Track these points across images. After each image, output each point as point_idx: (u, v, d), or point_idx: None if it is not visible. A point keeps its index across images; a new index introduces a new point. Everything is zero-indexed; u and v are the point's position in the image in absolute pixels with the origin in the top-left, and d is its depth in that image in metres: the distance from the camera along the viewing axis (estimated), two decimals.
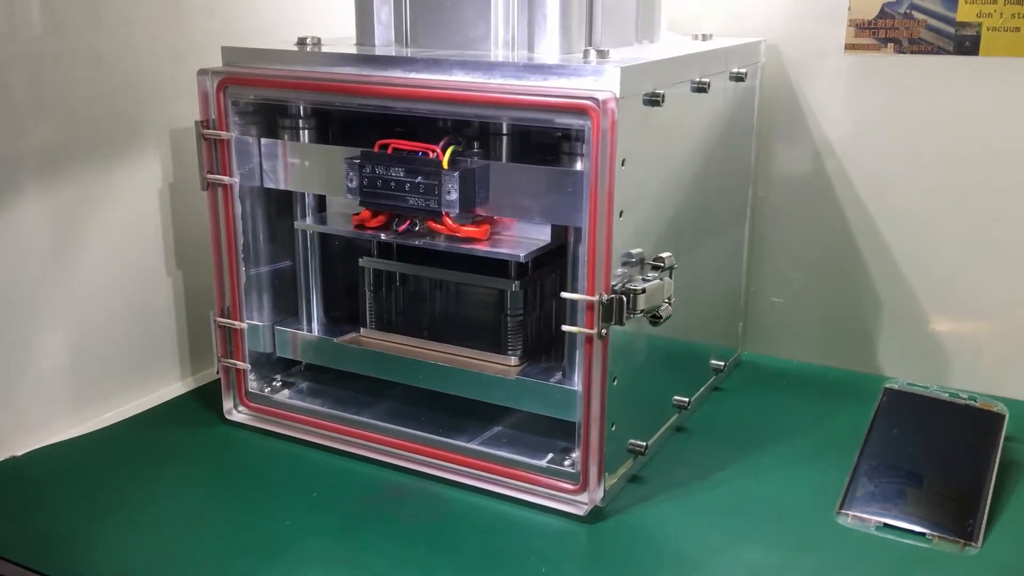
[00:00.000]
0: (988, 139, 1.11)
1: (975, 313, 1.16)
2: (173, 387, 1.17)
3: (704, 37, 1.11)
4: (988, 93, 1.10)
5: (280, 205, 1.08)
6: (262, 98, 1.00)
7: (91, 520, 0.89)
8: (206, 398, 1.13)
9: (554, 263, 1.02)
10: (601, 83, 0.82)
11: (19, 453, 1.00)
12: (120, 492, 0.94)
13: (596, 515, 0.90)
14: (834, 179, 1.19)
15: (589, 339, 0.86)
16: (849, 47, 1.15)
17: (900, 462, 0.96)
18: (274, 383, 1.10)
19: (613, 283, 0.84)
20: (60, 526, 0.88)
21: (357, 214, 1.00)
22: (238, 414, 1.08)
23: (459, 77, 0.88)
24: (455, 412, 1.02)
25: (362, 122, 1.05)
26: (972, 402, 1.00)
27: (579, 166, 0.90)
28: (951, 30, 1.10)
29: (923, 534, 0.87)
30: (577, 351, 0.91)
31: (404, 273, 1.08)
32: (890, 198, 1.17)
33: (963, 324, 1.17)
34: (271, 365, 1.11)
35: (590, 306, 0.84)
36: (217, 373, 1.08)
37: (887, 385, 1.04)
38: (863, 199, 1.18)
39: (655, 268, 0.89)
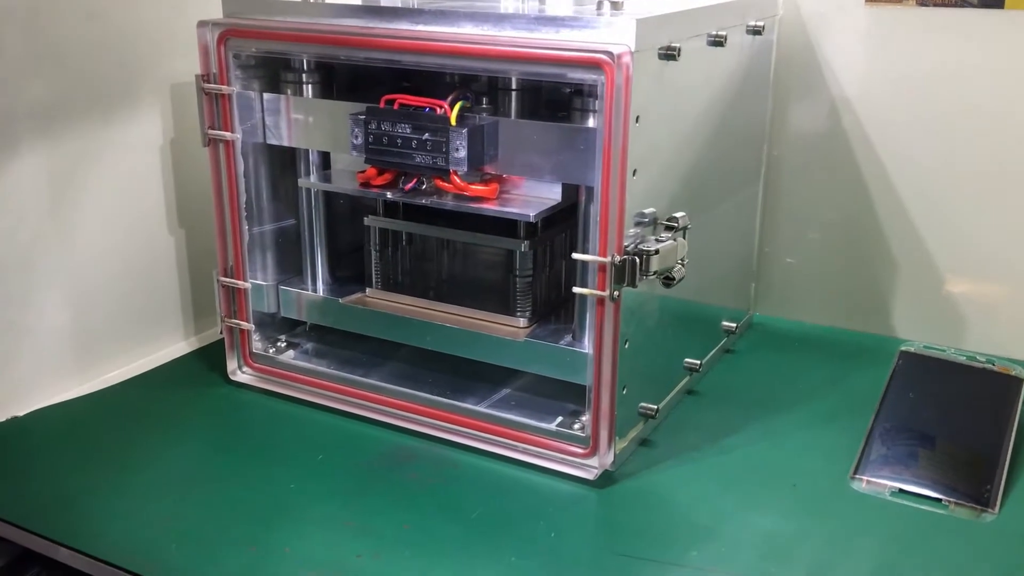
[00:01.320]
0: (1012, 96, 1.07)
1: (994, 275, 1.14)
2: (176, 347, 1.15)
3: None
4: (1013, 47, 1.06)
5: (283, 162, 1.06)
6: (264, 51, 0.98)
7: (93, 481, 0.88)
8: (210, 358, 1.12)
9: (564, 223, 1.00)
10: (615, 36, 0.79)
11: (21, 413, 0.99)
12: (122, 453, 0.93)
13: (606, 479, 0.89)
14: (851, 137, 1.16)
15: (601, 301, 0.84)
16: (870, 0, 1.12)
17: (916, 426, 0.94)
18: (279, 343, 1.09)
19: (626, 244, 0.82)
20: (62, 487, 0.87)
21: (362, 171, 0.97)
22: (242, 375, 1.06)
23: (468, 29, 0.86)
24: (463, 374, 1.01)
25: (367, 76, 1.02)
26: (990, 365, 0.98)
27: (591, 123, 0.88)
28: None
29: (939, 500, 0.86)
30: (588, 313, 0.90)
31: (411, 232, 1.06)
32: (909, 157, 1.14)
33: (981, 286, 1.15)
34: (275, 325, 1.10)
35: (602, 267, 0.82)
36: (221, 333, 1.06)
37: (903, 348, 1.02)
38: (881, 157, 1.16)
39: (668, 228, 0.87)
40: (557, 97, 0.98)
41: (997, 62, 1.07)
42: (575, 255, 0.86)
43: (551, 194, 0.93)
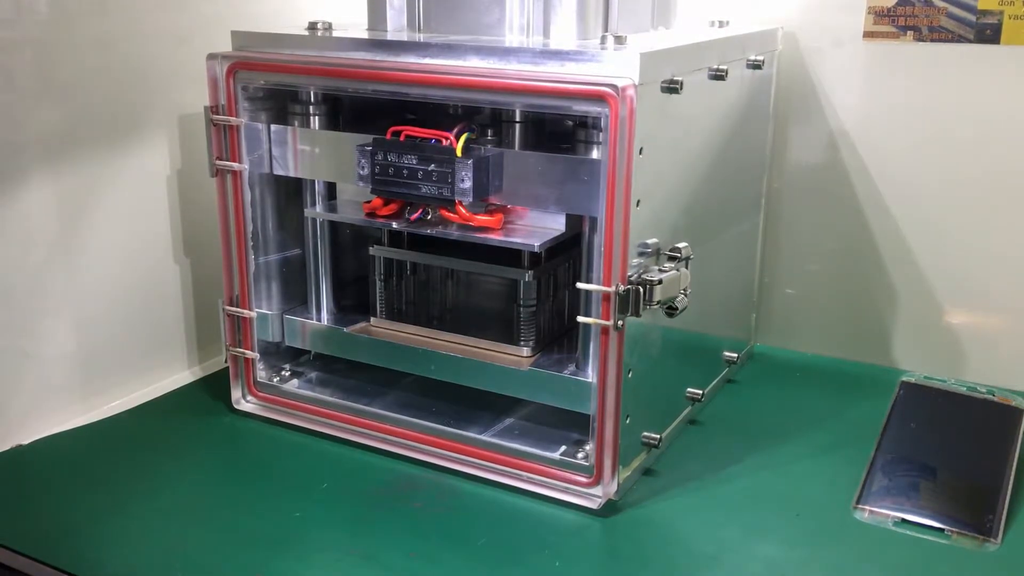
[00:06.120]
0: (1008, 129, 1.09)
1: (993, 305, 1.15)
2: (181, 376, 1.16)
3: (721, 24, 1.10)
4: (1009, 82, 1.08)
5: (289, 192, 1.07)
6: (272, 83, 0.99)
7: (97, 510, 0.88)
8: (214, 387, 1.12)
9: (567, 253, 1.01)
10: (620, 69, 0.81)
11: (25, 442, 0.99)
12: (127, 482, 0.93)
13: (610, 508, 0.89)
14: (850, 169, 1.18)
15: (605, 330, 0.84)
16: (867, 35, 1.13)
17: (917, 456, 0.94)
18: (283, 372, 1.09)
19: (629, 274, 0.83)
20: (66, 516, 0.87)
21: (368, 202, 0.98)
22: (246, 403, 1.07)
23: (474, 63, 0.87)
24: (467, 403, 1.01)
25: (372, 109, 1.03)
26: (990, 396, 0.99)
27: (595, 154, 0.89)
28: (972, 18, 1.08)
29: (941, 530, 0.86)
30: (591, 342, 0.90)
31: (415, 262, 1.07)
32: (906, 189, 1.16)
33: (981, 316, 1.15)
34: (280, 354, 1.10)
35: (606, 297, 0.83)
36: (225, 362, 1.07)
37: (904, 378, 1.02)
38: (879, 190, 1.17)
39: (671, 258, 0.88)
40: (560, 129, 0.99)
41: (993, 95, 1.09)
42: (579, 284, 0.87)
43: (555, 224, 0.94)
